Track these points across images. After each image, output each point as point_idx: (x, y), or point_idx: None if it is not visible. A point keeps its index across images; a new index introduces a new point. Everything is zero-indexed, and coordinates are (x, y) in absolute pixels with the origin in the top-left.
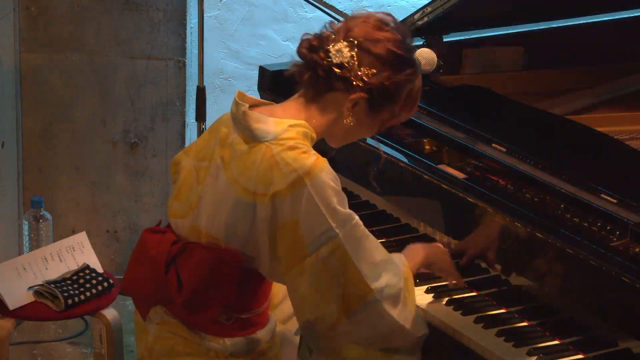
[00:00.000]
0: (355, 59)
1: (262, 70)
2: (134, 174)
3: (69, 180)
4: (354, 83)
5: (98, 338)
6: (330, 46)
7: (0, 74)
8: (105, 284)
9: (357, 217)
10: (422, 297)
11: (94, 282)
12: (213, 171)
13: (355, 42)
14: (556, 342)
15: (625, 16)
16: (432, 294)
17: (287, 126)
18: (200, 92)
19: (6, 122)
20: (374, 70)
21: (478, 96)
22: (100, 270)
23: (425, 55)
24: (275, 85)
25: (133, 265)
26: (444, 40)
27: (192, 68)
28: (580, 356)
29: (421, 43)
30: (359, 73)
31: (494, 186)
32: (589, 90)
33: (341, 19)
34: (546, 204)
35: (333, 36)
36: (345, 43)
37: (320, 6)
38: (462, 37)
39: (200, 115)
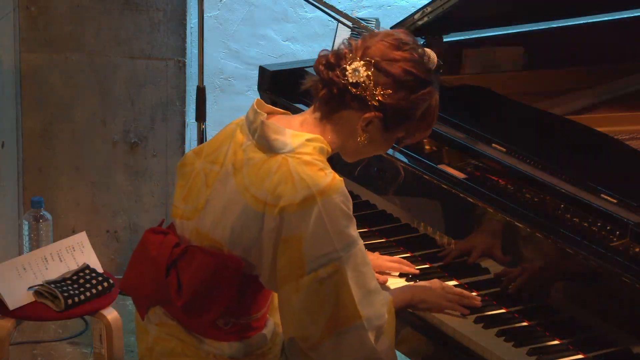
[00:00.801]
0: (371, 78)
1: (262, 70)
2: (134, 174)
3: (69, 180)
4: (369, 102)
5: (98, 338)
6: (347, 65)
7: (0, 74)
8: (105, 284)
9: (361, 243)
10: None
11: (94, 282)
12: (222, 176)
13: (372, 61)
14: (556, 342)
15: (625, 16)
16: None
17: (304, 140)
18: (200, 92)
19: (6, 122)
20: (390, 91)
21: (478, 96)
22: (100, 270)
23: None
24: (275, 85)
25: (134, 264)
26: (444, 40)
27: (192, 68)
28: (580, 356)
29: (421, 43)
30: (375, 93)
31: (494, 186)
32: (589, 90)
33: (341, 19)
34: (546, 204)
35: (350, 54)
36: (362, 62)
37: (320, 6)
38: (462, 37)
39: (200, 115)
